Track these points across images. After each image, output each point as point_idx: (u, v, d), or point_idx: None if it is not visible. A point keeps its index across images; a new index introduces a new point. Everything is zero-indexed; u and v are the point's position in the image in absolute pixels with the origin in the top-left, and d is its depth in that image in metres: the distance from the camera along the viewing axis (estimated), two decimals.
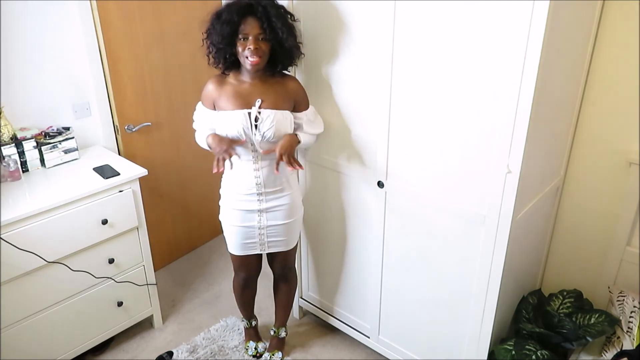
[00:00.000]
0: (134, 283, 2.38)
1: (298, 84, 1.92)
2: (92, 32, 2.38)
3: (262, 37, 1.73)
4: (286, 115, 1.84)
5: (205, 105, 1.93)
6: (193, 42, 2.84)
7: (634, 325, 1.86)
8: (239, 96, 1.83)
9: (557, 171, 2.04)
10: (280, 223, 2.02)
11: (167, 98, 2.81)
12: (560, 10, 1.41)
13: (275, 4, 1.76)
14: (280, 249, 2.10)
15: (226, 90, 1.85)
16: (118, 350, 2.46)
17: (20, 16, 2.15)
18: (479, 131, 1.62)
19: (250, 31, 1.72)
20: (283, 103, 1.84)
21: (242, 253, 2.10)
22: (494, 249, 1.71)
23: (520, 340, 1.91)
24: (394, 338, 2.25)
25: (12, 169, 2.11)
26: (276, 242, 2.07)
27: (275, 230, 2.03)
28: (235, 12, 1.71)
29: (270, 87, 1.84)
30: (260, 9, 1.70)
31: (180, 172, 3.03)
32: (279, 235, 2.05)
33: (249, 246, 2.07)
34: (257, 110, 1.80)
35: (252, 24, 1.72)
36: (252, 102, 1.81)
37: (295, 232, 2.12)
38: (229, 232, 2.07)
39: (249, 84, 1.84)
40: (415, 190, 1.89)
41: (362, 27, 1.81)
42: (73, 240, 2.07)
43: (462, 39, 1.55)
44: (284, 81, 1.88)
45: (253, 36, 1.72)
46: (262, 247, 2.07)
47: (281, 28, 1.72)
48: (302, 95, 1.92)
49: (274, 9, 1.72)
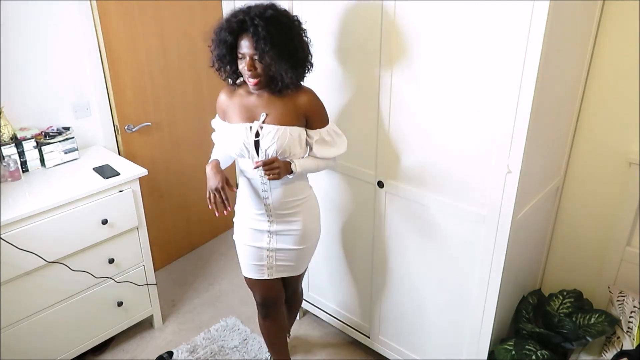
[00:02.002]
0: (134, 283, 2.38)
1: (310, 98, 1.71)
2: (92, 32, 2.38)
3: (257, 57, 1.57)
4: (293, 131, 1.68)
5: (220, 116, 1.84)
6: (193, 42, 2.87)
7: (634, 325, 1.86)
8: (246, 109, 1.72)
9: (557, 171, 2.04)
10: (290, 248, 1.88)
11: (167, 98, 2.81)
12: (560, 10, 1.41)
13: (273, 17, 1.56)
14: (288, 274, 1.96)
15: (234, 102, 1.74)
16: (118, 350, 2.46)
17: (20, 16, 2.15)
18: (479, 131, 1.62)
19: (246, 51, 1.58)
20: (291, 119, 1.68)
21: (252, 276, 1.94)
22: (494, 249, 1.71)
23: (520, 340, 1.91)
24: (394, 338, 2.25)
25: (12, 169, 2.11)
26: (285, 267, 1.93)
27: (285, 255, 1.89)
28: (229, 32, 1.59)
29: (279, 101, 1.68)
30: (252, 28, 1.54)
31: (180, 172, 3.03)
32: (287, 260, 1.91)
33: (257, 269, 1.91)
34: (259, 125, 1.68)
35: (248, 43, 1.57)
36: (258, 116, 1.70)
37: (305, 259, 1.98)
38: (241, 251, 1.94)
39: (256, 97, 1.71)
40: (415, 190, 1.89)
41: (361, 28, 1.81)
42: (73, 240, 2.07)
43: (462, 39, 1.55)
44: (295, 95, 1.68)
45: (249, 56, 1.58)
46: (270, 272, 1.91)
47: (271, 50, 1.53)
48: (315, 111, 1.72)
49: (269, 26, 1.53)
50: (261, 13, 1.55)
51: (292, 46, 1.59)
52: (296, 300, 2.29)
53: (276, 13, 1.58)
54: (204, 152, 3.17)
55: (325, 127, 1.76)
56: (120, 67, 2.53)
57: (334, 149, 1.80)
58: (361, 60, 1.86)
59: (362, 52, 1.84)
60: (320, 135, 1.75)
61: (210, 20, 2.88)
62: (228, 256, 3.22)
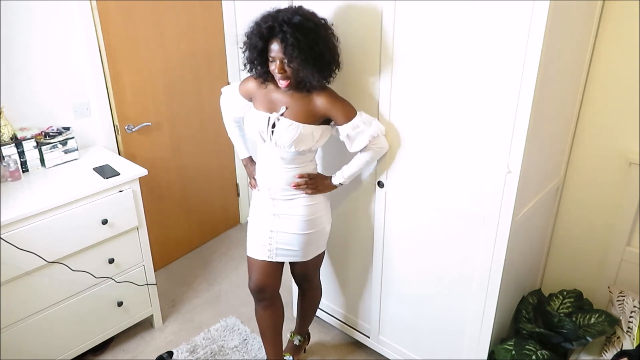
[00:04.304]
0: (134, 283, 2.38)
1: (327, 99, 1.76)
2: (92, 32, 2.38)
3: (286, 60, 1.66)
4: (306, 129, 1.77)
5: (241, 92, 1.94)
6: (193, 42, 2.87)
7: (634, 325, 1.86)
8: (270, 101, 1.83)
9: (557, 171, 2.04)
10: (291, 232, 1.93)
11: (167, 98, 2.81)
12: (560, 10, 1.41)
13: (301, 24, 1.62)
14: (291, 259, 2.00)
15: (262, 92, 1.86)
16: (118, 350, 2.46)
17: (20, 16, 2.15)
18: (479, 131, 1.62)
19: (276, 55, 1.67)
20: (307, 117, 1.78)
21: (253, 255, 2.01)
22: (494, 249, 1.71)
23: (520, 340, 1.91)
24: (394, 338, 2.25)
25: (12, 169, 2.11)
26: (286, 252, 1.97)
27: (286, 238, 1.94)
28: (259, 37, 1.68)
29: (301, 99, 1.78)
30: (280, 35, 1.62)
31: (180, 172, 3.03)
32: (289, 245, 1.95)
33: (259, 248, 1.98)
34: (277, 117, 1.79)
35: (278, 47, 1.65)
36: (279, 108, 1.81)
37: (311, 246, 1.99)
38: (249, 229, 2.03)
39: (282, 91, 1.81)
40: (415, 191, 1.89)
41: (361, 28, 1.81)
42: (73, 240, 2.07)
43: (462, 39, 1.55)
44: (314, 96, 1.77)
45: (279, 60, 1.67)
46: (270, 254, 1.97)
47: (299, 56, 1.62)
48: (334, 109, 1.77)
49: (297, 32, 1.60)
50: (289, 19, 1.62)
51: (319, 50, 1.66)
52: (312, 295, 2.25)
53: (303, 18, 1.63)
54: (204, 152, 3.19)
55: (351, 122, 1.79)
56: (120, 67, 2.53)
57: (361, 139, 1.82)
58: (361, 60, 1.86)
59: (362, 52, 1.84)
60: (346, 131, 1.80)
61: (210, 20, 2.93)
62: (228, 256, 3.22)
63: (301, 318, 2.32)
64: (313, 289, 2.24)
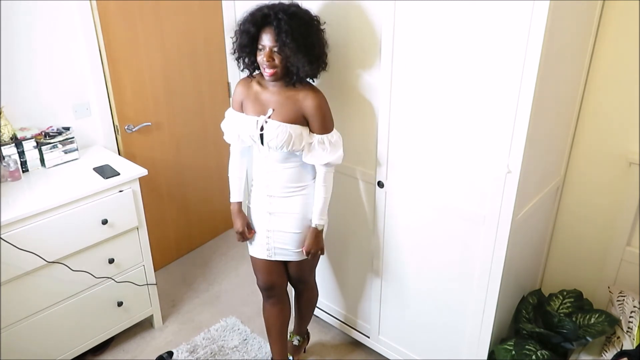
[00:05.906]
0: (134, 283, 2.38)
1: (315, 103, 1.75)
2: (92, 32, 2.38)
3: (277, 48, 1.68)
4: (295, 129, 1.77)
5: (235, 107, 1.93)
6: (193, 42, 2.87)
7: (634, 325, 1.86)
8: (258, 103, 1.83)
9: (557, 171, 2.04)
10: (287, 231, 1.94)
11: (167, 98, 2.81)
12: (560, 10, 1.41)
13: (295, 13, 1.68)
14: (289, 258, 2.01)
15: (250, 95, 1.86)
16: (118, 350, 2.46)
17: (20, 16, 2.15)
18: (479, 131, 1.62)
19: (266, 43, 1.69)
20: (295, 117, 1.78)
21: (254, 254, 2.04)
22: (494, 249, 1.71)
23: (520, 340, 1.91)
24: (394, 338, 2.25)
25: (12, 169, 2.11)
26: (284, 251, 1.98)
27: (283, 237, 1.95)
28: (253, 23, 1.70)
29: (288, 99, 1.78)
30: (275, 22, 1.65)
31: (180, 172, 3.03)
32: (285, 243, 1.96)
33: (259, 248, 2.01)
34: (264, 120, 1.80)
35: (269, 36, 1.68)
36: (267, 111, 1.81)
37: None
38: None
39: (269, 92, 1.81)
40: (415, 190, 1.89)
41: (361, 27, 1.81)
42: (73, 240, 2.07)
43: (462, 39, 1.55)
44: (302, 96, 1.76)
45: (269, 48, 1.69)
46: (269, 253, 1.99)
47: (292, 43, 1.64)
48: (315, 115, 1.77)
49: (291, 21, 1.65)
50: (285, 9, 1.68)
51: (310, 41, 1.70)
52: (308, 297, 2.25)
53: (299, 10, 1.71)
54: (204, 152, 3.19)
55: (323, 135, 1.80)
56: (120, 67, 2.53)
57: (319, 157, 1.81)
58: (361, 60, 1.86)
59: (362, 52, 1.85)
60: (313, 140, 1.80)
61: (210, 21, 2.92)
62: (228, 256, 3.22)
63: (298, 319, 2.33)
64: (308, 291, 2.24)
